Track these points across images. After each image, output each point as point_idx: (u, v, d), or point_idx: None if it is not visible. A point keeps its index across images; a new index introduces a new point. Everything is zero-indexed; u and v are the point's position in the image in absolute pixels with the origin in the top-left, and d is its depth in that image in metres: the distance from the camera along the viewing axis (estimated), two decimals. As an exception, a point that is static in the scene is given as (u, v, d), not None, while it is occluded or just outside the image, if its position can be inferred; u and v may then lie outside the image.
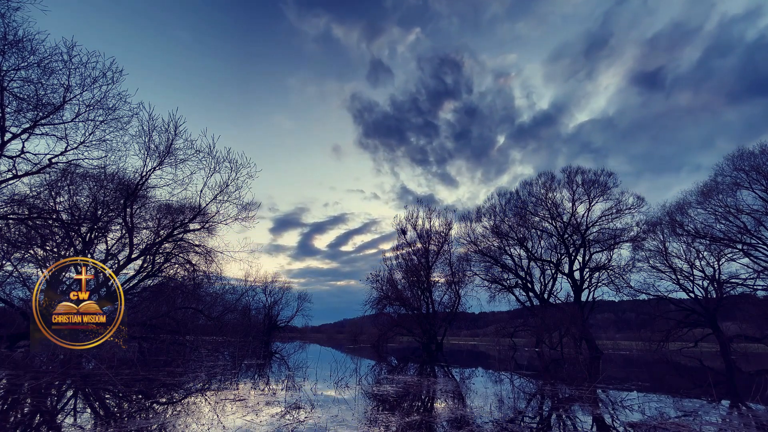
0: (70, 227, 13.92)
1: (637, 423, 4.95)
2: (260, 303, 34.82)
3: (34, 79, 10.58)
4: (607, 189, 26.90)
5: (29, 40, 10.15)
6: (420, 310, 27.35)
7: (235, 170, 15.66)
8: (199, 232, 17.20)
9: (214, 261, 18.14)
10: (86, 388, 6.81)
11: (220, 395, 6.31)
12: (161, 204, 16.98)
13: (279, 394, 6.57)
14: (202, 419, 4.60)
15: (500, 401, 6.64)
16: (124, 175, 14.91)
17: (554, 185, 28.53)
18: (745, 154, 22.38)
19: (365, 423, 4.68)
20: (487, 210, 30.56)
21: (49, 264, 14.10)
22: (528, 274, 29.48)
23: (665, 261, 25.37)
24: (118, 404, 5.69)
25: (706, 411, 5.97)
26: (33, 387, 6.49)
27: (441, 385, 8.51)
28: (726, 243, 23.10)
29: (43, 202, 13.37)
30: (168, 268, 18.12)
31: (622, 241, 26.42)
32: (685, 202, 24.93)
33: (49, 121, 11.24)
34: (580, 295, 26.58)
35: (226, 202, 16.05)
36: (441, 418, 5.16)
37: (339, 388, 7.41)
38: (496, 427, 4.68)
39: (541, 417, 5.54)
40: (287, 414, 5.01)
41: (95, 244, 16.41)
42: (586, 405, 6.29)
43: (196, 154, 14.77)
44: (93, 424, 4.40)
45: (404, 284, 28.33)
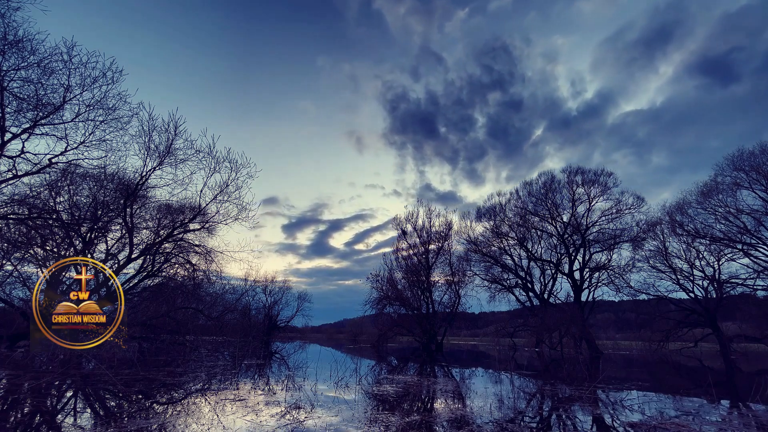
0: (70, 227, 13.92)
1: (637, 423, 4.95)
2: (260, 303, 34.86)
3: (34, 79, 10.59)
4: (607, 189, 26.94)
5: (29, 40, 10.16)
6: (420, 310, 27.34)
7: (235, 170, 15.67)
8: (199, 232, 17.21)
9: (214, 261, 18.15)
10: (86, 388, 6.81)
11: (220, 395, 6.31)
12: (161, 204, 16.99)
13: (279, 394, 6.57)
14: (202, 419, 4.60)
15: (500, 401, 6.64)
16: (124, 175, 14.92)
17: (554, 185, 28.57)
18: (745, 154, 22.38)
19: (365, 423, 4.68)
20: (488, 210, 30.60)
21: (49, 264, 14.10)
22: (528, 274, 29.51)
23: (665, 261, 25.36)
24: (118, 404, 5.69)
25: (706, 411, 5.97)
26: (33, 387, 6.49)
27: (441, 385, 8.50)
28: (726, 243, 23.09)
29: (43, 202, 13.36)
30: (168, 268, 18.13)
31: (622, 241, 26.43)
32: (685, 202, 24.93)
33: (49, 121, 11.24)
34: (580, 295, 26.59)
35: (226, 202, 16.06)
36: (441, 418, 5.16)
37: (339, 388, 7.40)
38: (496, 427, 4.68)
39: (541, 417, 5.54)
40: (287, 414, 5.01)
41: (95, 244, 16.41)
42: (586, 405, 6.28)
43: (196, 154, 14.78)
44: (93, 424, 4.40)
45: (404, 284, 28.32)
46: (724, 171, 23.19)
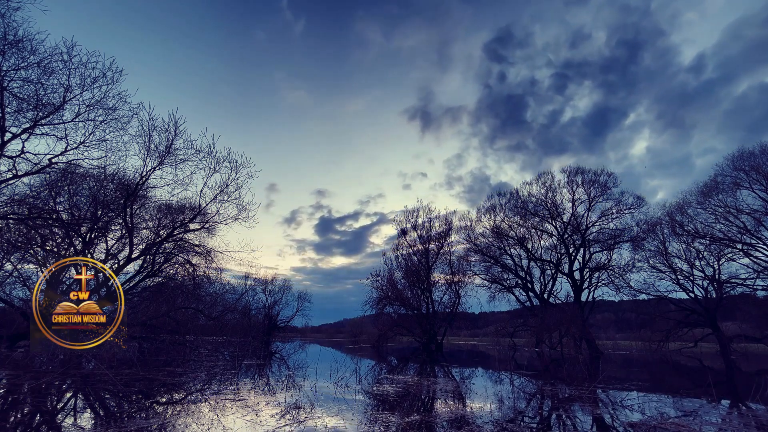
0: (70, 227, 13.92)
1: (637, 423, 4.95)
2: (260, 303, 34.89)
3: (34, 79, 10.58)
4: (607, 189, 26.91)
5: (29, 40, 10.16)
6: (420, 310, 27.34)
7: (235, 170, 15.66)
8: (199, 232, 17.21)
9: (215, 261, 18.16)
10: (86, 388, 6.81)
11: (220, 395, 6.31)
12: (161, 204, 16.99)
13: (279, 394, 6.57)
14: (202, 419, 4.60)
15: (500, 401, 6.64)
16: (124, 175, 14.90)
17: (554, 185, 28.56)
18: (745, 154, 22.37)
19: (365, 423, 4.68)
20: (488, 210, 30.59)
21: (49, 264, 14.09)
22: (528, 274, 29.49)
23: (665, 261, 25.34)
24: (118, 404, 5.69)
25: (706, 411, 5.97)
26: (33, 387, 6.49)
27: (441, 385, 8.50)
28: (726, 243, 23.08)
29: (43, 202, 13.36)
30: (168, 268, 18.13)
31: (622, 241, 26.41)
32: (685, 202, 24.92)
33: (49, 121, 11.24)
34: (580, 295, 26.58)
35: (226, 202, 16.06)
36: (441, 418, 5.16)
37: (339, 388, 7.40)
38: (496, 427, 4.68)
39: (541, 417, 5.54)
40: (287, 414, 5.01)
41: (95, 244, 16.41)
42: (586, 405, 6.28)
43: (196, 154, 14.77)
44: (93, 424, 4.40)
45: (404, 284, 28.32)
46: (724, 171, 23.20)
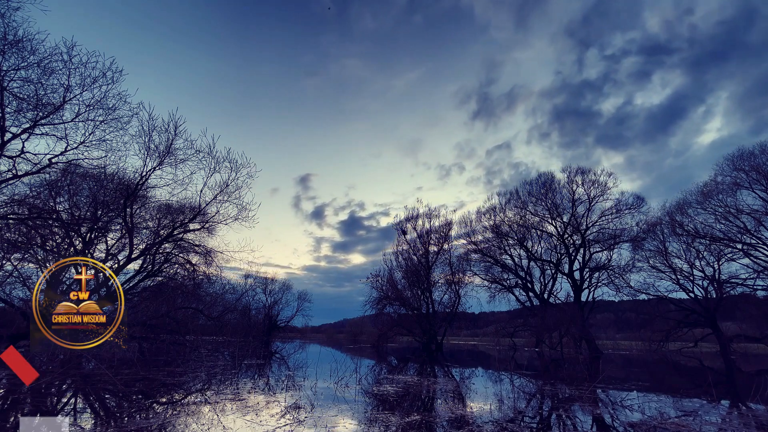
0: (70, 227, 13.92)
1: (637, 423, 4.95)
2: (260, 303, 34.88)
3: (34, 79, 10.57)
4: (607, 189, 26.89)
5: (29, 40, 10.15)
6: (420, 310, 27.33)
7: (235, 170, 15.69)
8: (199, 232, 17.22)
9: (214, 261, 18.17)
10: (86, 388, 6.81)
11: (220, 395, 6.31)
12: (161, 204, 16.99)
13: (279, 394, 6.57)
14: (202, 419, 4.60)
15: (500, 401, 6.64)
16: (124, 175, 14.91)
17: (554, 185, 28.54)
18: (745, 154, 22.35)
19: (365, 423, 4.68)
20: (487, 210, 30.57)
21: (49, 264, 14.09)
22: (528, 274, 29.47)
23: (665, 261, 25.32)
24: (118, 404, 5.69)
25: (706, 411, 5.97)
26: (33, 387, 6.49)
27: (441, 385, 8.50)
28: (726, 243, 23.07)
29: (43, 202, 13.35)
30: (168, 268, 18.14)
31: (622, 241, 26.39)
32: (685, 202, 24.89)
33: (49, 121, 11.23)
34: (580, 295, 26.56)
35: (226, 202, 16.07)
36: (441, 418, 5.16)
37: (339, 388, 7.40)
38: (496, 427, 4.68)
39: (541, 417, 5.54)
40: (287, 414, 5.01)
41: (95, 244, 16.42)
42: (586, 405, 6.28)
43: (196, 154, 14.79)
44: (93, 424, 4.40)
45: (404, 284, 28.32)
46: (724, 171, 23.17)
